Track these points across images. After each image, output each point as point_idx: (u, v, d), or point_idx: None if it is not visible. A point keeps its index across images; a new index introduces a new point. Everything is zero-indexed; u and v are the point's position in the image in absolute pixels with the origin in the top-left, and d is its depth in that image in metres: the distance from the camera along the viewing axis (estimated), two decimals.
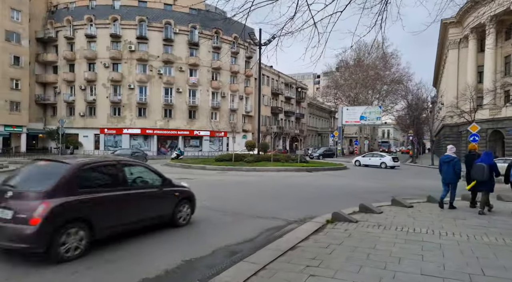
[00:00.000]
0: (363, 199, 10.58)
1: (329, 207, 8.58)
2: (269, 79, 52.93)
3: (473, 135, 20.18)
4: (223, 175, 18.25)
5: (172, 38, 40.28)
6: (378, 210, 7.86)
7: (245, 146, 27.83)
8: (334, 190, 12.87)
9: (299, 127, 62.96)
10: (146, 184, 6.09)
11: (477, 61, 35.71)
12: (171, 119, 40.84)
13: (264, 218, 7.63)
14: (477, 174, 7.68)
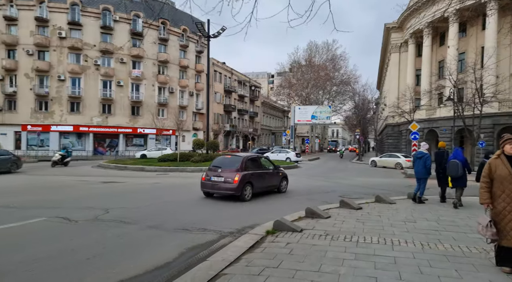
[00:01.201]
0: (311, 200, 9.78)
1: (274, 212, 7.66)
2: (222, 76, 51.35)
3: (414, 134, 20.87)
4: (163, 177, 16.44)
5: (111, 26, 36.74)
6: (326, 214, 6.98)
7: (192, 145, 26.04)
8: None
9: (253, 126, 62.33)
10: (268, 168, 11.05)
11: (415, 65, 37.99)
12: (111, 116, 37.27)
13: (193, 230, 6.28)
14: (452, 171, 7.97)
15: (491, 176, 3.92)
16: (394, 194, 11.52)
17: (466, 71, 26.78)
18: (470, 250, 4.76)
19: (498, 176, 3.84)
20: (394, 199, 9.24)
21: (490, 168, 3.93)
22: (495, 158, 3.94)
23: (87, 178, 15.62)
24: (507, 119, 25.65)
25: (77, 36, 35.40)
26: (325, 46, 57.32)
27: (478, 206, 8.46)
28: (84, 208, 8.10)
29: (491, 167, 3.93)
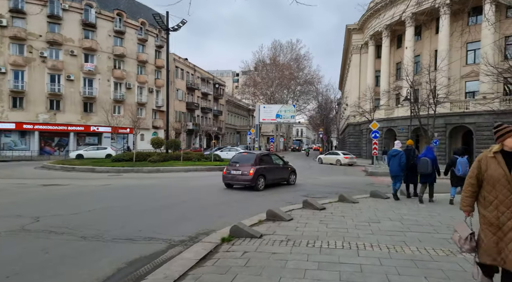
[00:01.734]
0: (273, 201, 9.28)
1: (234, 215, 7.11)
2: (184, 73, 49.62)
3: (374, 132, 21.36)
4: (115, 178, 15.09)
5: (59, 15, 33.72)
6: (288, 217, 6.48)
7: (151, 144, 24.59)
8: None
9: (217, 125, 61.08)
10: (278, 163, 13.21)
11: (375, 66, 39.41)
12: (60, 113, 34.23)
13: (139, 239, 5.45)
14: (423, 168, 8.18)
15: (479, 176, 2.94)
16: (357, 192, 11.42)
17: (421, 73, 28.13)
18: (437, 253, 4.47)
19: (489, 176, 2.86)
20: (357, 198, 9.04)
21: (480, 166, 2.95)
22: (488, 155, 2.93)
23: (25, 180, 13.88)
24: (457, 119, 27.30)
25: (20, 25, 31.96)
26: (289, 46, 57.76)
27: (442, 203, 8.53)
28: (10, 216, 6.91)
29: (480, 164, 2.95)
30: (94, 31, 36.61)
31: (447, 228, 5.83)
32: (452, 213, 7.12)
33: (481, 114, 25.96)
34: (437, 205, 8.31)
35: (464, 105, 27.26)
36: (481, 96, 26.07)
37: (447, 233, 5.50)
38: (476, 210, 3.03)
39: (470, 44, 28.77)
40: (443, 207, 7.97)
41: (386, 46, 36.01)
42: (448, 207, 8.09)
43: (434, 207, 7.90)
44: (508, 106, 25.01)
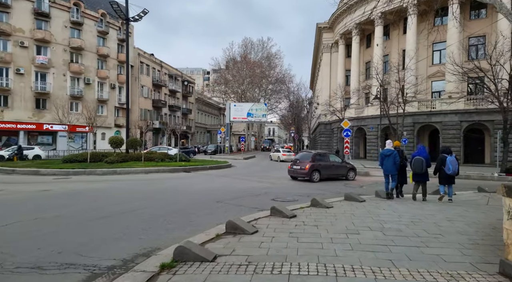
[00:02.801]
0: (239, 207, 8.15)
1: (186, 228, 5.95)
2: (150, 69, 47.11)
3: (346, 131, 20.89)
4: (60, 182, 13.21)
5: (7, 3, 30.38)
6: (252, 229, 5.36)
7: (109, 143, 22.54)
8: (208, 195, 10.07)
9: (187, 124, 58.95)
10: (335, 161, 15.80)
11: (345, 65, 39.51)
12: (8, 109, 30.85)
13: (51, 268, 4.09)
14: (417, 167, 8.26)
15: None
16: (330, 194, 10.62)
17: (390, 72, 28.27)
18: (435, 278, 3.54)
19: None
20: (331, 202, 8.13)
21: None
22: None
23: None
24: (425, 118, 27.70)
25: None
26: (260, 44, 56.99)
27: (428, 202, 7.81)
28: None
29: None
30: (47, 22, 33.47)
31: (435, 239, 4.99)
32: (435, 218, 6.36)
33: (447, 113, 26.47)
34: (422, 205, 7.62)
35: (430, 105, 27.72)
36: (446, 96, 26.59)
37: (438, 246, 4.64)
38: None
39: (436, 45, 29.38)
40: (427, 208, 7.25)
41: (356, 44, 36.13)
42: (432, 208, 7.40)
43: (416, 209, 7.14)
44: (472, 105, 25.67)
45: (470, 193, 10.65)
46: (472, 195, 10.10)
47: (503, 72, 20.39)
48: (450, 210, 7.29)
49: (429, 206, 7.92)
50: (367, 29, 36.10)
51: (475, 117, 25.59)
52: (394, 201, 8.65)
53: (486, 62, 21.49)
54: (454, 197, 9.49)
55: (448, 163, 8.15)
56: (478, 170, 21.36)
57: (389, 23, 33.62)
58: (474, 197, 9.46)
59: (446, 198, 8.54)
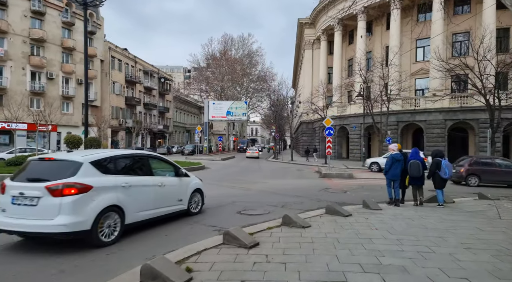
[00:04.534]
0: (190, 226, 6.28)
1: (91, 270, 3.97)
2: (123, 64, 44.22)
3: (328, 129, 19.35)
4: None
5: None
6: (184, 276, 3.47)
7: (65, 143, 20.08)
8: None
9: (164, 123, 56.25)
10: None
11: (327, 62, 38.26)
12: None
13: None
14: (415, 171, 7.89)
15: None
16: (308, 203, 8.93)
17: (373, 70, 27.05)
18: None
19: None
20: (309, 217, 6.38)
21: None
22: None
23: None
24: (409, 117, 26.67)
25: None
26: (241, 40, 55.08)
27: (431, 216, 6.02)
28: None
29: None
30: (4, 10, 30.29)
31: None
32: (448, 244, 4.70)
33: (431, 112, 25.53)
34: (422, 220, 5.97)
35: (414, 103, 26.73)
36: (431, 94, 25.64)
37: None
38: None
39: (419, 41, 28.45)
40: (430, 226, 5.60)
41: (339, 40, 34.93)
42: (437, 226, 5.77)
43: (418, 229, 5.46)
44: (457, 104, 24.80)
45: (470, 200, 9.21)
46: (474, 203, 8.64)
47: (490, 69, 19.48)
48: (460, 228, 5.68)
49: (430, 220, 6.31)
50: (349, 25, 34.96)
51: (459, 115, 24.75)
52: (387, 213, 7.02)
53: (471, 59, 20.59)
54: (455, 205, 8.16)
55: (444, 167, 7.94)
56: None
57: (372, 19, 32.55)
58: (478, 206, 7.98)
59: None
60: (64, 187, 4.55)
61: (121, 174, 5.40)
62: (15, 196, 4.64)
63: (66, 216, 4.49)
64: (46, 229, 4.49)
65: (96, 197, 4.79)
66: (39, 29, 32.47)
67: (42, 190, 4.52)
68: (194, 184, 7.21)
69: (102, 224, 4.84)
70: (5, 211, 4.70)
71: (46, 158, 5.17)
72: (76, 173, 4.74)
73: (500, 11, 24.35)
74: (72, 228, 4.50)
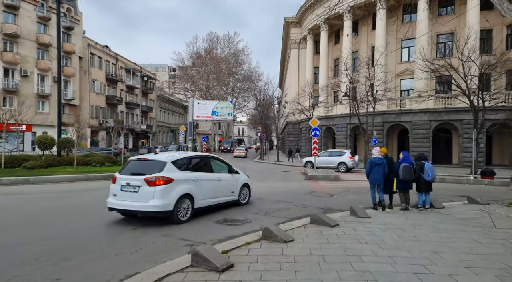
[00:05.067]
0: (166, 237, 5.57)
1: None
2: (103, 62, 42.65)
3: (314, 130, 18.90)
4: None
5: None
6: None
7: (36, 144, 18.91)
8: (121, 216, 7.31)
9: (147, 122, 54.81)
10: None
11: (313, 62, 37.97)
12: None
13: None
14: (408, 174, 7.67)
15: None
16: (293, 209, 8.38)
17: (359, 70, 26.83)
18: None
19: None
20: (292, 229, 5.79)
21: None
22: None
23: None
24: (394, 117, 26.59)
25: None
26: (227, 39, 54.23)
27: (423, 226, 5.39)
28: None
29: None
30: None
31: None
32: (445, 262, 4.18)
33: (416, 112, 25.51)
34: (414, 230, 5.45)
35: (400, 104, 26.68)
36: (416, 94, 25.63)
37: None
38: None
39: (405, 42, 28.42)
40: (423, 237, 5.09)
41: (325, 40, 34.68)
42: (430, 236, 5.28)
43: (411, 241, 4.93)
44: (441, 104, 24.86)
45: (460, 204, 8.85)
46: (464, 208, 8.27)
47: (474, 69, 19.50)
48: (456, 240, 5.20)
49: (423, 230, 5.83)
50: (335, 25, 34.76)
51: (444, 116, 24.81)
52: (376, 222, 6.51)
53: (456, 60, 20.59)
54: (445, 211, 7.76)
55: (427, 169, 7.86)
56: (448, 171, 20.35)
57: (358, 19, 32.43)
58: (469, 212, 7.59)
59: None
60: (156, 179, 6.21)
61: (192, 170, 7.11)
62: (123, 185, 6.42)
63: (157, 200, 6.16)
64: (144, 209, 6.26)
65: (176, 187, 6.43)
66: (12, 24, 30.82)
67: (141, 181, 6.23)
68: (242, 179, 8.71)
69: (180, 207, 6.50)
70: (116, 195, 6.53)
71: (142, 158, 7.09)
72: (163, 169, 6.41)
73: (484, 12, 24.58)
74: (161, 209, 6.19)
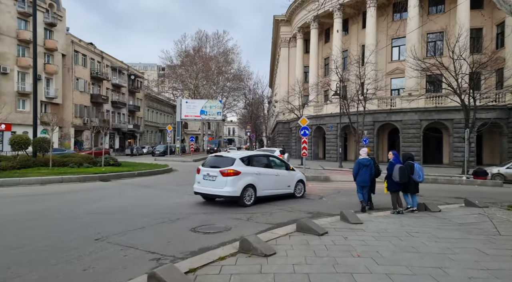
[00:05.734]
0: (126, 252, 4.80)
1: None
2: (87, 59, 41.30)
3: (303, 129, 18.32)
4: None
5: None
6: None
7: (9, 144, 17.84)
8: (94, 223, 6.50)
9: (134, 122, 53.54)
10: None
11: (303, 61, 37.52)
12: None
13: None
14: (404, 176, 7.28)
15: None
16: (279, 213, 7.79)
17: (349, 69, 26.40)
18: None
19: None
20: (275, 238, 5.11)
21: None
22: None
23: None
24: (385, 117, 26.27)
25: None
26: (216, 37, 53.35)
27: (419, 234, 4.78)
28: None
29: None
30: None
31: None
32: (452, 275, 3.57)
33: (406, 112, 25.25)
34: (412, 239, 4.83)
35: (390, 103, 26.38)
36: (407, 93, 25.36)
37: None
38: None
39: (395, 40, 28.17)
40: (423, 248, 4.48)
41: (315, 38, 34.25)
42: (429, 246, 4.66)
43: (412, 254, 4.32)
44: (432, 103, 24.63)
45: (456, 207, 8.34)
46: (462, 211, 7.74)
47: (466, 68, 19.26)
48: (459, 251, 4.61)
49: (421, 239, 5.24)
50: (325, 23, 34.36)
51: (434, 115, 24.59)
52: (369, 229, 5.90)
53: (446, 59, 20.35)
54: (442, 215, 7.22)
55: (418, 170, 7.55)
56: (439, 171, 20.06)
57: (348, 18, 32.09)
58: (468, 217, 7.06)
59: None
60: (228, 171, 8.05)
61: (255, 166, 8.82)
62: (205, 175, 8.46)
63: (229, 187, 8.03)
64: (219, 193, 8.19)
65: (242, 178, 8.22)
66: None
67: (217, 172, 8.15)
68: (298, 176, 10.10)
69: (245, 194, 8.25)
70: (200, 183, 8.59)
71: (217, 155, 9.17)
72: (233, 164, 8.26)
73: (475, 11, 24.46)
74: (231, 194, 8.06)
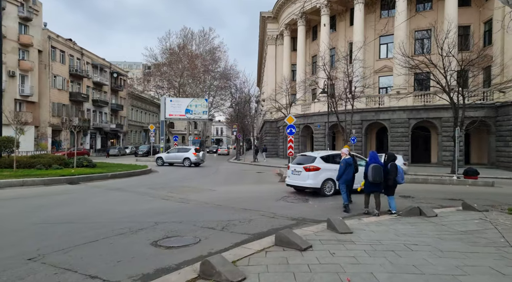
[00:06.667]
0: (62, 273, 3.79)
1: None
2: (66, 56, 39.47)
3: (289, 127, 17.56)
4: None
5: None
6: None
7: None
8: (39, 237, 5.42)
9: (117, 121, 51.78)
10: None
11: (291, 59, 36.81)
12: None
13: None
14: (378, 176, 7.06)
15: None
16: (259, 219, 6.88)
17: (337, 66, 25.79)
18: None
19: None
20: (248, 255, 4.21)
21: None
22: None
23: None
24: (373, 115, 25.76)
25: None
26: (202, 35, 52.14)
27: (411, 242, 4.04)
28: None
29: None
30: None
31: None
32: None
33: (395, 110, 24.79)
34: (409, 254, 4.02)
35: (378, 101, 25.89)
36: (395, 92, 24.93)
37: None
38: None
39: (383, 38, 27.71)
40: (427, 269, 3.67)
41: (302, 35, 33.56)
42: (426, 259, 3.84)
43: (413, 275, 3.50)
44: (420, 102, 24.25)
45: (453, 211, 7.62)
46: (461, 216, 7.02)
47: (455, 65, 18.89)
48: (471, 271, 3.82)
49: (422, 254, 4.45)
50: (313, 20, 33.73)
51: (423, 114, 24.21)
52: (360, 240, 5.07)
53: (435, 56, 19.96)
54: (439, 220, 6.45)
55: (401, 171, 7.30)
56: (428, 171, 19.65)
57: (336, 15, 31.53)
58: (469, 223, 6.33)
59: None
60: (309, 167, 10.22)
61: (332, 163, 10.41)
62: (293, 170, 10.82)
63: (311, 180, 10.20)
64: (304, 185, 10.48)
65: (322, 173, 10.24)
66: None
67: (301, 168, 10.40)
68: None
69: (325, 186, 10.26)
70: (289, 176, 11.01)
71: (303, 154, 11.65)
72: (314, 161, 10.37)
73: (462, 8, 24.21)
74: (313, 185, 10.23)
